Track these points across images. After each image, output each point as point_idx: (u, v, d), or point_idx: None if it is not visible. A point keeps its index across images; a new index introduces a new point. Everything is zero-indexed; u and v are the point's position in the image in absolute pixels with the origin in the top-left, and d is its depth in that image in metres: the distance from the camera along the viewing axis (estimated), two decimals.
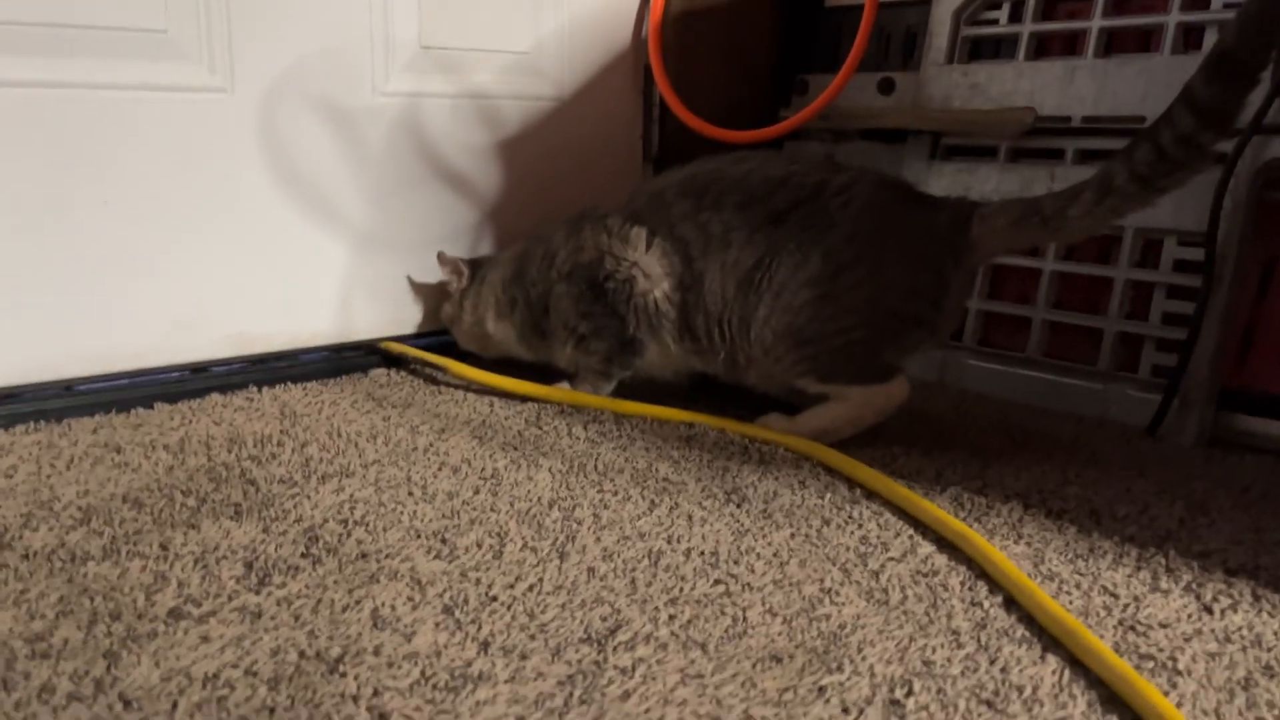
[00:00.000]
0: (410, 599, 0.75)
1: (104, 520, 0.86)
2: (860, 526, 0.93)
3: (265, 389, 1.29)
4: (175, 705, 0.61)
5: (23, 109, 1.10)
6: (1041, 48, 1.43)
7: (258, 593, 0.75)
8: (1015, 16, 1.44)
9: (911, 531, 0.92)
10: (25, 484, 0.95)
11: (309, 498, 0.93)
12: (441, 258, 1.43)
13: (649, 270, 1.23)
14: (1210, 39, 1.26)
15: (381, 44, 1.36)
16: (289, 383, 1.32)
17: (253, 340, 1.32)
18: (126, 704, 0.61)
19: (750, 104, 1.74)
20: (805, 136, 1.68)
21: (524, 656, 0.68)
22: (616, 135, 1.64)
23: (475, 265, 1.43)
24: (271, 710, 0.61)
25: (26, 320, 1.14)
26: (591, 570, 0.81)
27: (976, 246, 1.13)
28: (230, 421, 1.15)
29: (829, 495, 1.00)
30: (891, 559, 0.86)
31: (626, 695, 0.64)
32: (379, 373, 1.40)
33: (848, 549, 0.87)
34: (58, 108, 1.12)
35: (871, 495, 1.01)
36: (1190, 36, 1.29)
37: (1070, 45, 1.41)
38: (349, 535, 0.86)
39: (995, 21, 1.46)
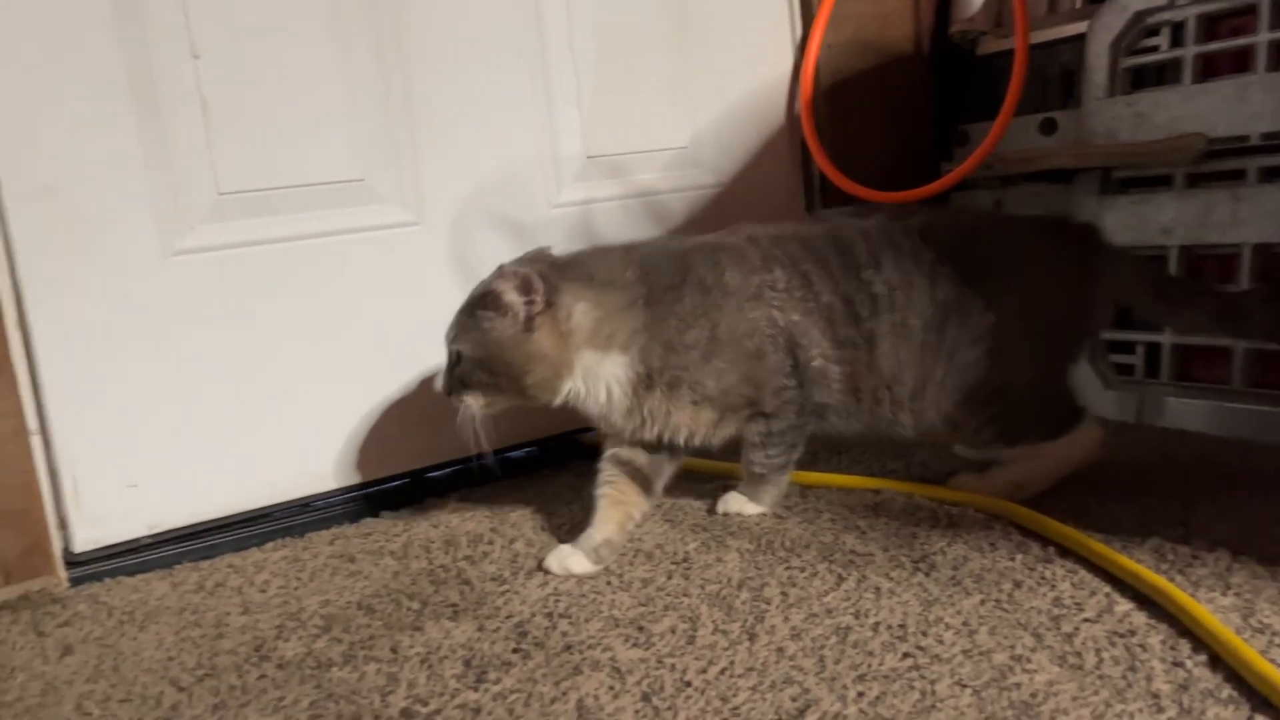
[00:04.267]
0: (611, 688, 0.81)
1: (343, 628, 0.97)
2: (1053, 587, 0.92)
3: (476, 488, 1.39)
4: None
5: (274, 260, 1.28)
6: (1208, 68, 1.38)
7: (476, 689, 0.83)
8: (1176, 41, 1.40)
9: (1108, 589, 0.90)
10: (277, 597, 1.07)
11: (517, 593, 1.01)
12: None
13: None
14: None
15: (551, 161, 1.47)
16: (499, 480, 1.42)
17: (464, 445, 1.43)
18: None
19: (912, 161, 1.75)
20: (972, 186, 1.67)
21: None
22: (780, 212, 1.68)
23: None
24: None
25: (268, 448, 1.29)
26: (780, 650, 0.84)
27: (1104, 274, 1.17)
28: (446, 524, 1.26)
29: (1020, 556, 0.99)
30: (1086, 620, 0.85)
31: None
32: (577, 463, 1.48)
33: (1040, 612, 0.87)
34: (290, 258, 1.29)
35: (1066, 553, 0.99)
36: None
37: (1239, 62, 1.35)
38: (554, 628, 0.93)
39: (1155, 49, 1.42)
